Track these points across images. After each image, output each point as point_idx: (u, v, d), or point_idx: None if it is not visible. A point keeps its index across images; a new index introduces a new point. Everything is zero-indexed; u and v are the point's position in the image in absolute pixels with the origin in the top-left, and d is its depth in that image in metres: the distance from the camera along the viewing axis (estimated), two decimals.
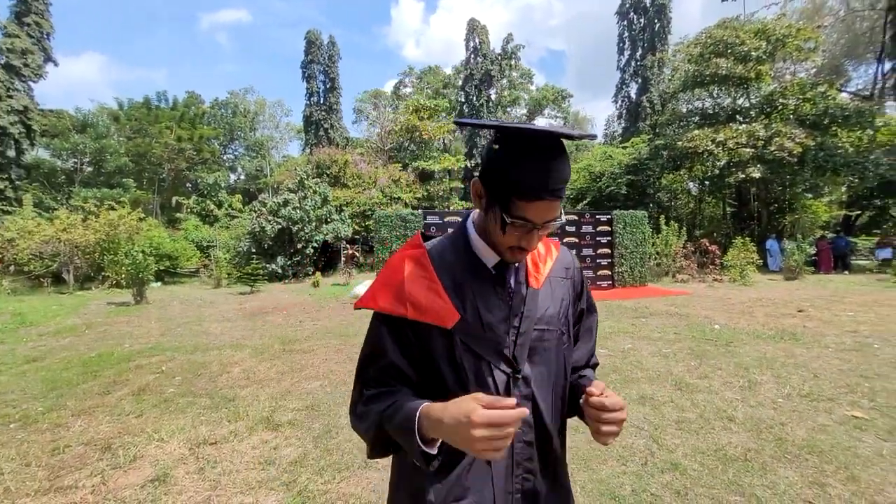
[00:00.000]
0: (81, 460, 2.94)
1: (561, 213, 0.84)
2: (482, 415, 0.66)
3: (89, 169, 27.97)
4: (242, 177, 41.61)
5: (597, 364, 1.10)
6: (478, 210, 0.91)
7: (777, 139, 15.76)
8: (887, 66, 20.98)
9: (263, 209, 17.20)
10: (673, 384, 4.21)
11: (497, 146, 0.81)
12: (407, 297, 0.85)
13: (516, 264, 0.92)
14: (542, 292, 0.94)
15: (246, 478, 2.70)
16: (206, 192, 29.12)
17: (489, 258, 0.90)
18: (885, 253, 15.27)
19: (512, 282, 0.92)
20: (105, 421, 3.61)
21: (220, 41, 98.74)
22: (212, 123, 37.29)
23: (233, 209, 28.06)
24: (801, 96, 17.72)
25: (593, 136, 0.89)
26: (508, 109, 37.65)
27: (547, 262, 0.99)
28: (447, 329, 0.85)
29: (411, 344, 0.86)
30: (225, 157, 40.47)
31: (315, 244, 17.26)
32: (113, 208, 16.43)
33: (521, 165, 0.79)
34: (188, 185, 33.19)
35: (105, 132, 28.16)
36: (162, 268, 16.79)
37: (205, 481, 2.67)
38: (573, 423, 1.02)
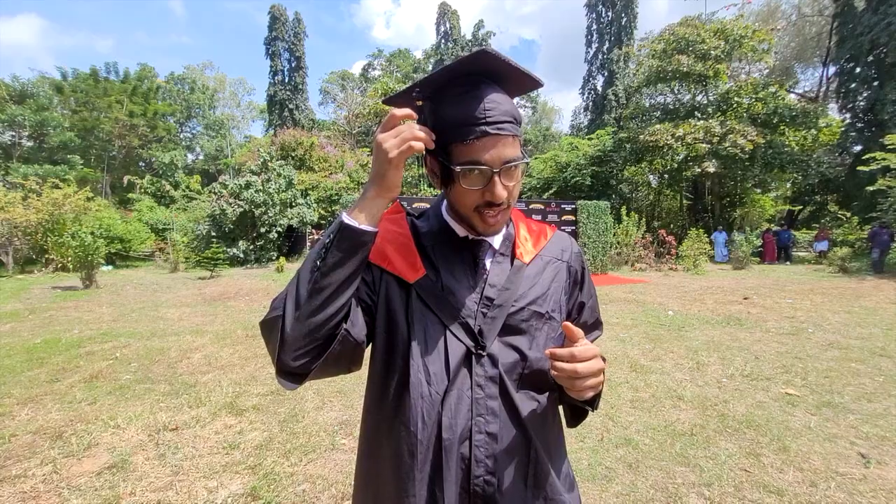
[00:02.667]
0: (30, 449, 2.82)
1: (523, 155, 0.76)
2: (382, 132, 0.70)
3: (29, 143, 25.87)
4: (201, 157, 39.72)
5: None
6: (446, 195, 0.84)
7: (731, 136, 16.57)
8: (831, 70, 22.35)
9: (224, 191, 16.53)
10: (629, 366, 4.44)
11: (420, 102, 0.76)
12: (376, 244, 0.79)
13: (494, 233, 0.83)
14: (531, 269, 0.86)
15: (209, 462, 2.67)
16: (161, 172, 27.63)
17: (461, 231, 0.84)
18: (823, 245, 16.47)
19: (489, 254, 0.84)
20: (55, 409, 3.44)
21: (174, 9, 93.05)
22: (167, 99, 35.23)
23: (191, 190, 26.80)
24: (753, 96, 18.69)
25: (538, 83, 0.80)
26: None
27: (540, 240, 0.91)
28: (408, 283, 0.79)
29: (369, 283, 0.80)
30: (182, 136, 38.40)
31: (279, 229, 16.80)
32: (58, 186, 15.35)
33: (449, 106, 0.74)
34: (141, 164, 31.31)
35: (47, 104, 26.02)
36: (113, 251, 15.92)
37: (166, 467, 2.62)
38: None
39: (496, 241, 0.85)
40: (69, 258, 12.27)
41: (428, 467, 0.74)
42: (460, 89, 0.74)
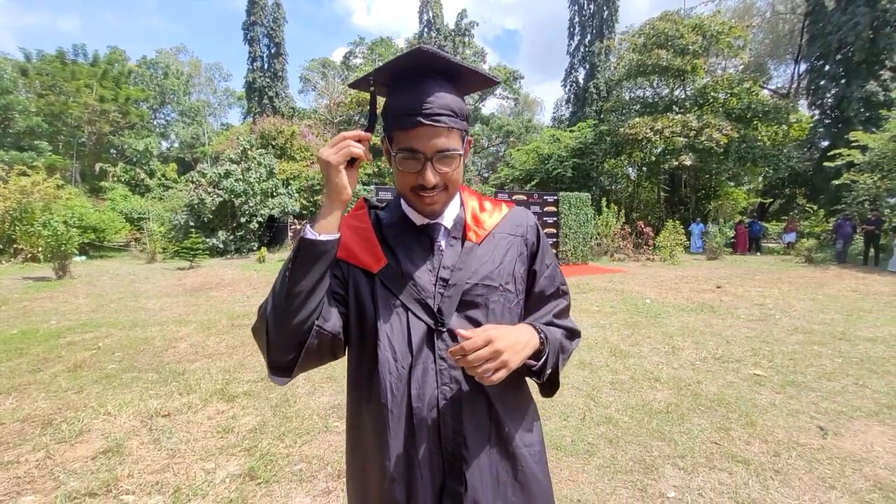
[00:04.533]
0: (20, 436, 2.81)
1: (463, 145, 0.83)
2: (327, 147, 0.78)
3: None
4: (176, 144, 38.57)
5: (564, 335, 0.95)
6: None
7: (707, 130, 17.04)
8: (802, 67, 23.09)
9: (203, 180, 16.17)
10: (609, 351, 4.64)
11: (373, 88, 0.83)
12: (342, 242, 0.86)
13: (433, 212, 0.88)
14: (483, 247, 0.92)
15: (205, 445, 2.72)
16: (135, 160, 26.77)
17: (418, 219, 0.92)
18: (790, 237, 17.17)
19: (444, 235, 0.91)
20: (41, 398, 3.42)
21: None
22: (139, 84, 33.98)
23: (167, 179, 26.06)
24: (729, 91, 19.21)
25: (491, 80, 0.87)
26: None
27: (494, 216, 0.97)
28: (372, 273, 0.87)
29: (339, 278, 0.88)
30: (156, 123, 37.20)
31: (260, 218, 16.57)
32: (25, 174, 14.78)
33: (396, 96, 0.82)
34: (113, 151, 30.17)
35: (11, 87, 24.76)
36: (86, 241, 15.45)
37: (161, 451, 2.66)
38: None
39: (448, 223, 0.92)
40: (40, 248, 11.90)
41: (401, 433, 0.83)
42: (407, 82, 0.81)
